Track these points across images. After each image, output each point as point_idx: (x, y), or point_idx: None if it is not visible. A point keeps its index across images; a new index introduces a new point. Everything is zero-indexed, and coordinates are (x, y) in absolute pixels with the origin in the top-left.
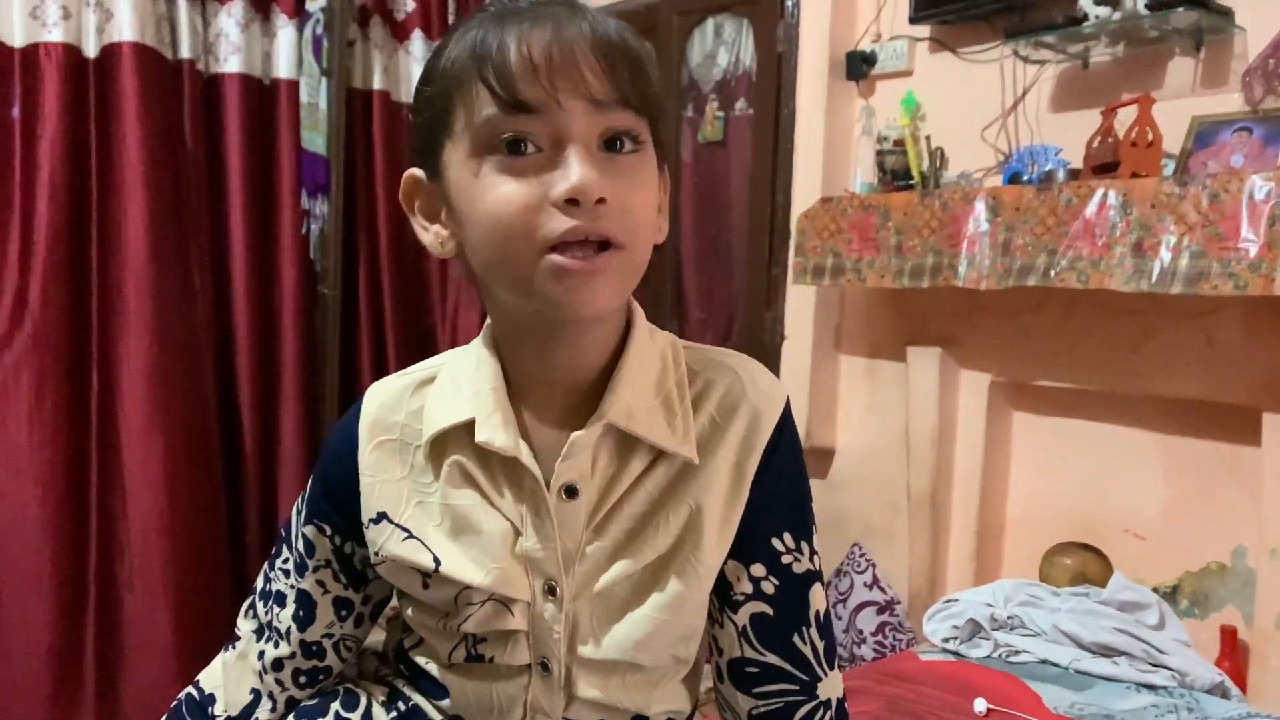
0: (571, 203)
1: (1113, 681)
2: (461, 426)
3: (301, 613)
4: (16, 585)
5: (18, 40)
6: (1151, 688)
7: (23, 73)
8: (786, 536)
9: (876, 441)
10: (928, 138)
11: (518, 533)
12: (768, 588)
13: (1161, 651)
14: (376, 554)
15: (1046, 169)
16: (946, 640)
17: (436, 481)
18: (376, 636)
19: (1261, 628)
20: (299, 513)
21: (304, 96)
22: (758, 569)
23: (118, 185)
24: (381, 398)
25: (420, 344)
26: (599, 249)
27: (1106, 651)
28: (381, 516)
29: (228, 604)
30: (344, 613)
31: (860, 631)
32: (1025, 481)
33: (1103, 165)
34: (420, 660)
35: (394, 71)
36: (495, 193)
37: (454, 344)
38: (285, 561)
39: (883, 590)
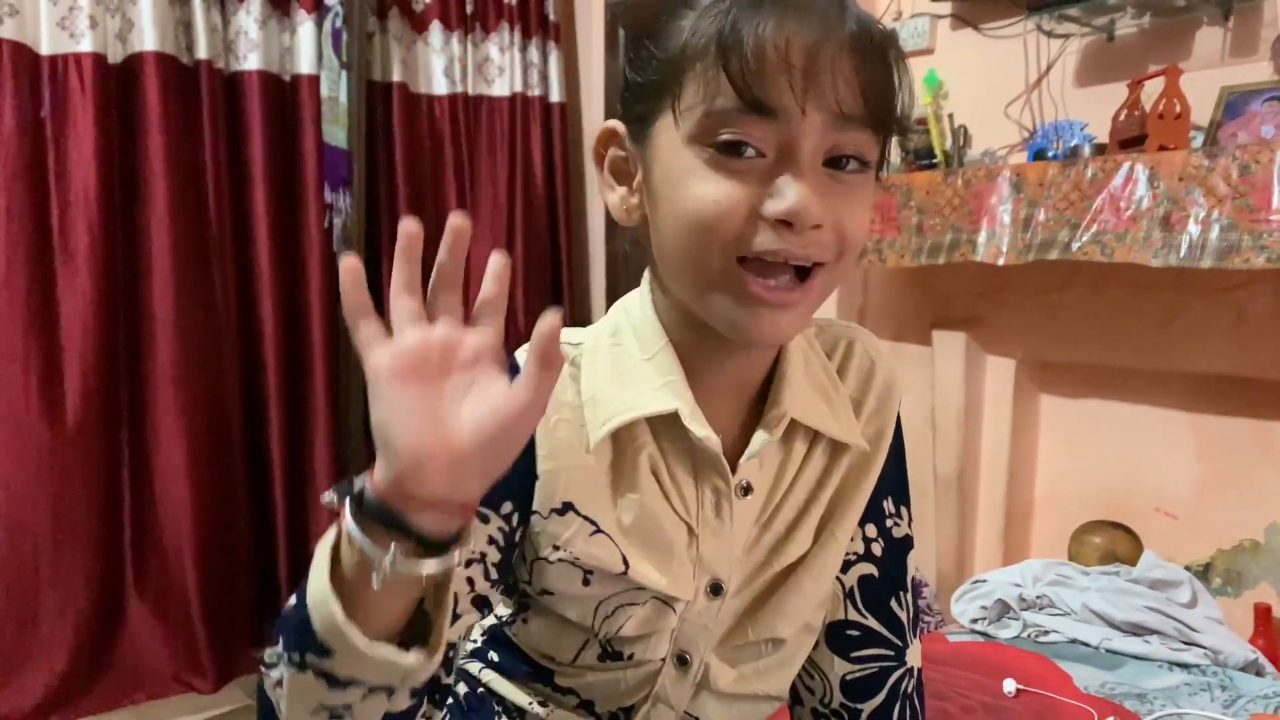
0: (784, 224)
1: (1144, 660)
2: (644, 420)
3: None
4: (57, 568)
5: (45, 48)
6: (1184, 666)
7: (51, 80)
8: (889, 501)
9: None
10: (950, 116)
11: (692, 532)
12: (875, 549)
13: (1194, 629)
14: (556, 547)
15: (1072, 144)
16: (975, 621)
17: (621, 474)
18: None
19: None
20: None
21: (324, 90)
22: (870, 530)
23: (141, 190)
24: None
25: None
26: (797, 276)
27: (1138, 630)
28: (568, 507)
29: (250, 588)
30: (484, 610)
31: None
32: (1053, 461)
33: (1130, 139)
34: (533, 650)
35: (413, 63)
36: (704, 188)
37: None
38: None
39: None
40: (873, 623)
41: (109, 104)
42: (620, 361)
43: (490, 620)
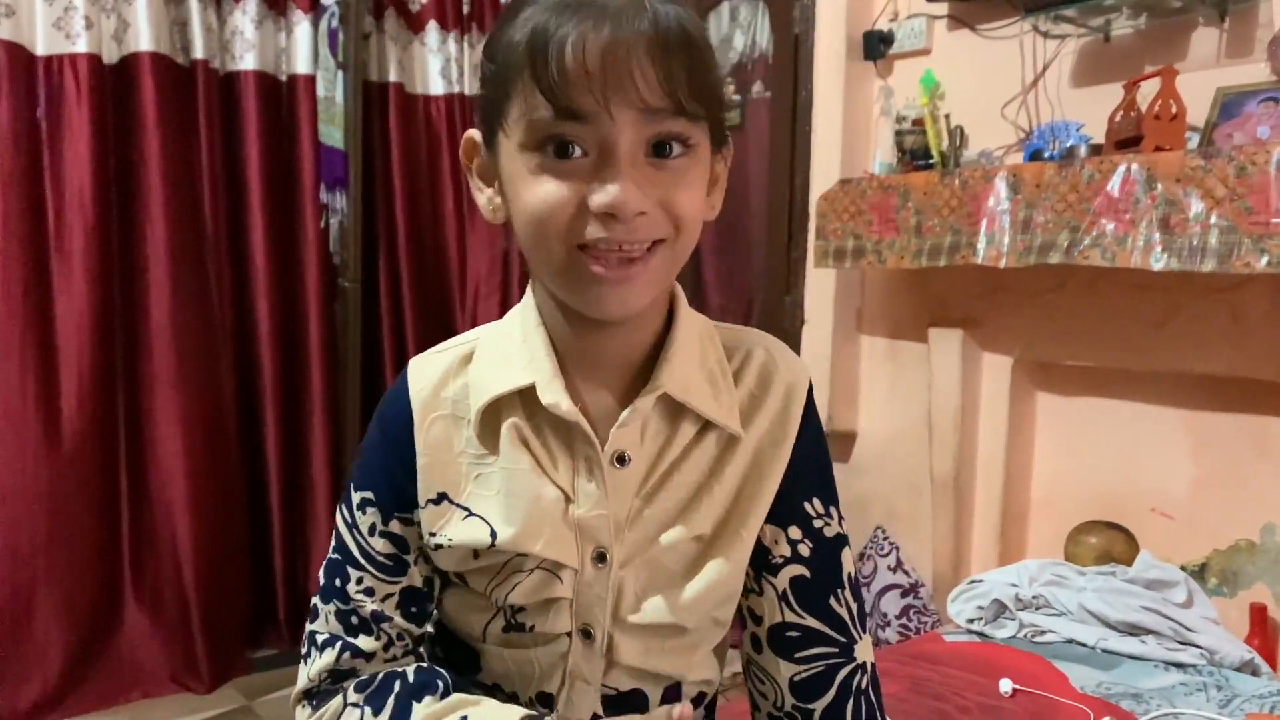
0: (609, 215)
1: (1140, 660)
2: (515, 394)
3: (414, 608)
4: (53, 568)
5: (41, 49)
6: (1180, 666)
7: (46, 81)
8: (816, 501)
9: (898, 424)
10: (947, 116)
11: (568, 500)
12: (804, 550)
13: (1190, 629)
14: (433, 534)
15: (1068, 145)
16: (971, 621)
17: (492, 452)
18: None
19: None
20: (355, 527)
21: (320, 90)
22: (794, 532)
23: (136, 192)
24: (428, 374)
25: (440, 334)
26: (634, 257)
27: (1134, 630)
28: (442, 497)
29: (246, 589)
30: (429, 586)
31: (884, 615)
32: (1050, 462)
33: (1125, 140)
34: (452, 628)
35: (409, 63)
36: (537, 189)
37: None
38: (360, 582)
39: (906, 573)
40: (812, 622)
41: (104, 104)
42: (503, 348)
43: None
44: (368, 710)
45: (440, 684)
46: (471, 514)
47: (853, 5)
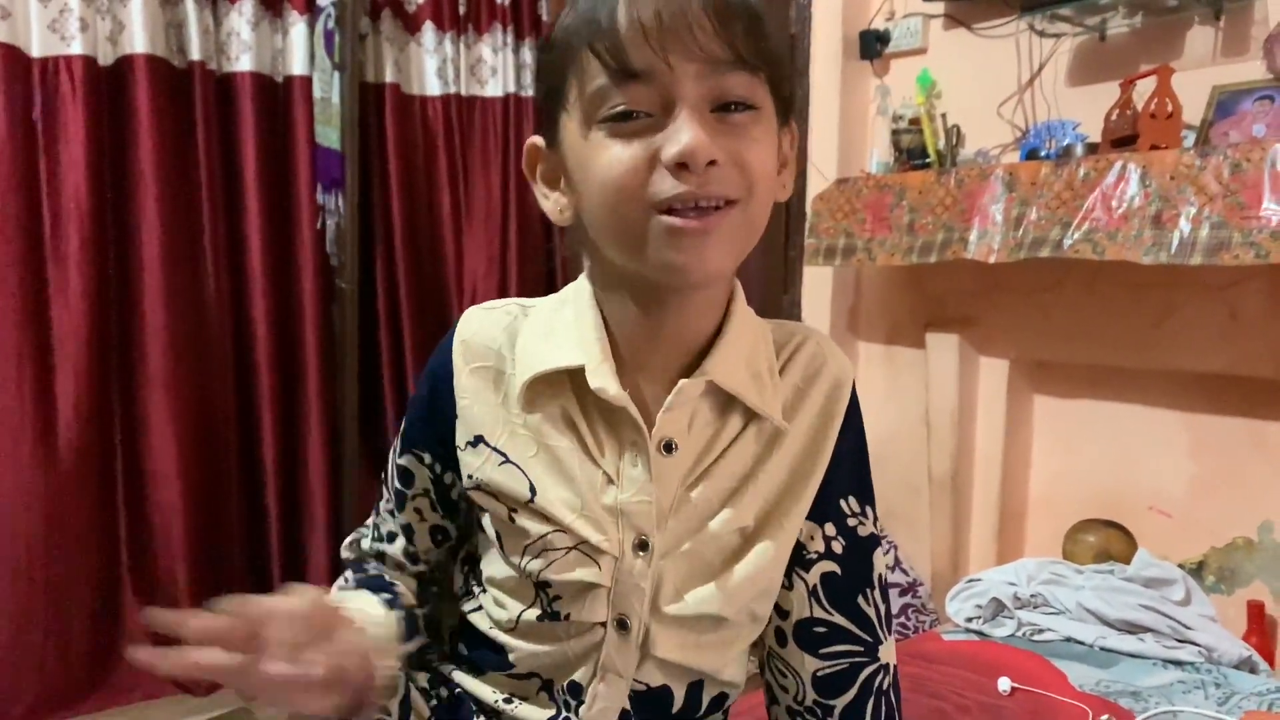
0: (681, 166)
1: (1139, 658)
2: (564, 372)
3: (409, 545)
4: (51, 570)
5: (36, 50)
6: (1178, 664)
7: (42, 82)
8: (852, 500)
9: (896, 424)
10: (943, 115)
11: (611, 483)
12: (836, 547)
13: (1188, 627)
14: (470, 477)
15: (1065, 144)
16: (970, 620)
17: (530, 417)
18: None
19: None
20: (394, 450)
21: (317, 92)
22: (830, 528)
23: (131, 194)
24: (476, 325)
25: (437, 335)
26: (713, 209)
27: (1132, 628)
28: (479, 439)
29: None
30: (439, 538)
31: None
32: (1047, 461)
33: (1122, 138)
34: (482, 625)
35: (405, 64)
36: (605, 155)
37: None
38: (387, 503)
39: (905, 572)
40: (840, 619)
41: (100, 106)
42: (553, 322)
43: (459, 612)
44: (343, 584)
45: (386, 593)
46: (509, 460)
47: (849, 5)
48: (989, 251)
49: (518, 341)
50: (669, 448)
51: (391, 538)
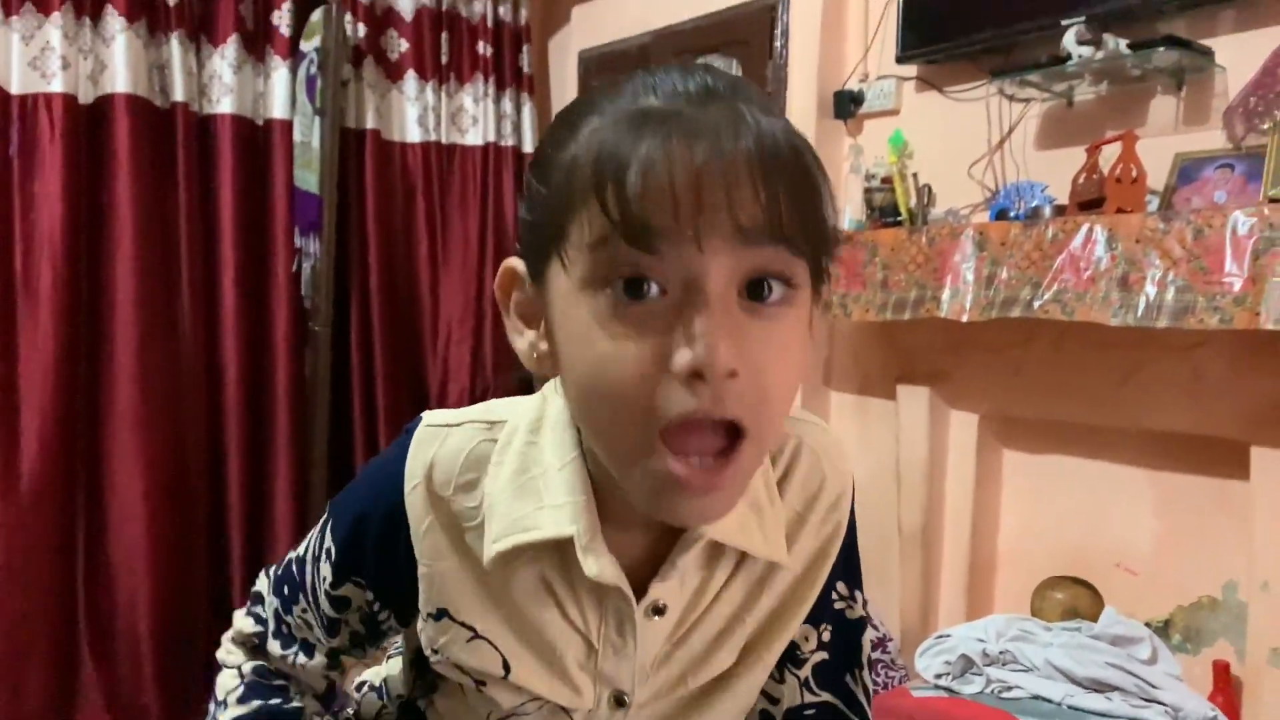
0: (695, 375)
1: (1106, 717)
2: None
3: (333, 663)
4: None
5: (15, 88)
6: None
7: (20, 120)
8: (841, 585)
9: (867, 476)
10: (915, 175)
11: (591, 648)
12: (826, 636)
13: (1154, 686)
14: (435, 652)
15: (1033, 205)
16: (939, 676)
17: (508, 588)
18: (376, 670)
19: (1254, 662)
20: (318, 563)
21: (297, 135)
22: (825, 627)
23: (106, 232)
24: (430, 462)
25: (410, 379)
26: (722, 445)
27: (1099, 687)
28: (443, 613)
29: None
30: (356, 645)
31: None
32: (1016, 516)
33: (1088, 201)
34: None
35: (386, 111)
36: (605, 348)
37: (444, 380)
38: (305, 612)
39: (875, 627)
40: (828, 698)
41: (78, 144)
42: (529, 465)
43: (405, 688)
44: (239, 692)
45: None
46: (478, 636)
47: (824, 65)
48: (961, 310)
49: (484, 481)
50: (658, 610)
51: (308, 649)
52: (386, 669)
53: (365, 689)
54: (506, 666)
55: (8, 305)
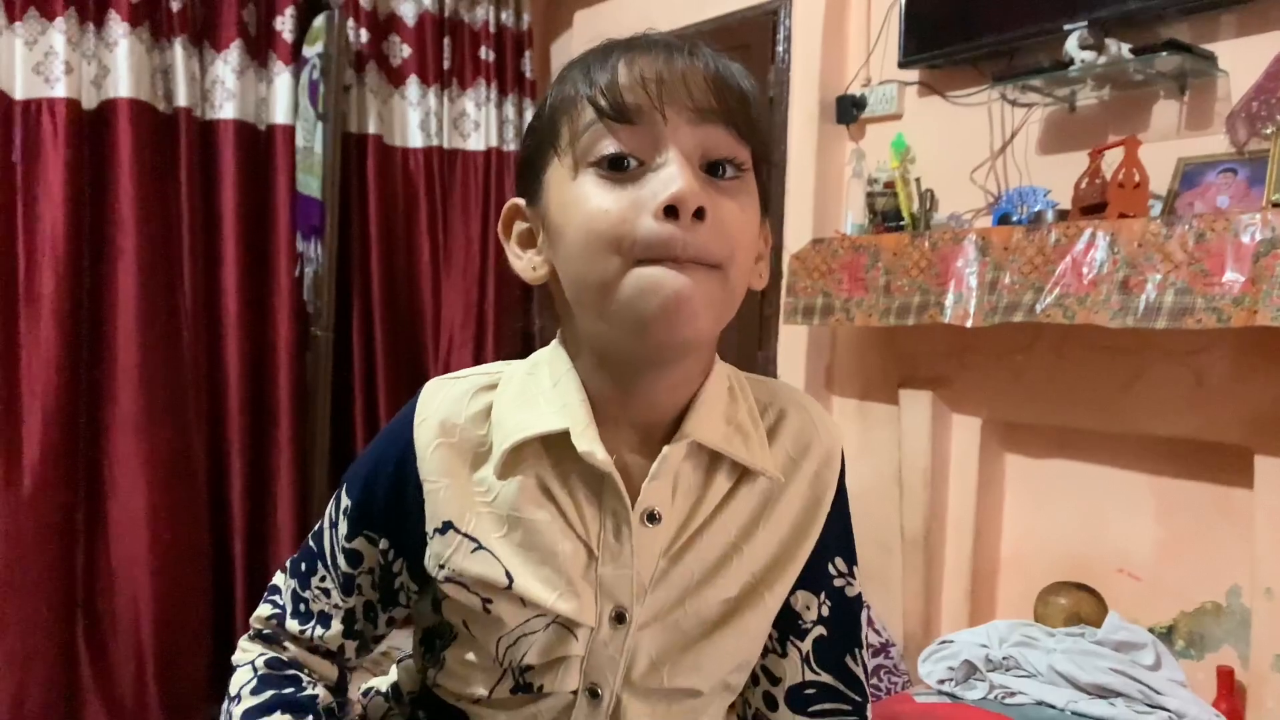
0: (669, 212)
1: None
2: (539, 441)
3: (357, 626)
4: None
5: (19, 93)
6: None
7: (24, 125)
8: (839, 561)
9: (869, 482)
10: (917, 180)
11: (591, 555)
12: (826, 611)
13: (1158, 692)
14: (441, 567)
15: (1035, 210)
16: (942, 682)
17: (498, 490)
18: (381, 678)
19: (1258, 668)
20: (335, 527)
21: (299, 140)
22: (823, 595)
23: (109, 237)
24: (439, 400)
25: (412, 385)
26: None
27: (1103, 692)
28: (448, 526)
29: (206, 642)
30: (369, 614)
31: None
32: (1018, 521)
33: (1091, 206)
34: (447, 698)
35: (388, 116)
36: (592, 203)
37: None
38: (323, 580)
39: (877, 632)
40: (828, 679)
41: (81, 149)
42: (529, 389)
43: (420, 680)
44: (252, 684)
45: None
46: (481, 547)
47: (826, 70)
48: (965, 315)
49: (492, 411)
50: (652, 518)
51: (325, 620)
52: (393, 675)
53: (372, 694)
54: (510, 576)
55: (10, 310)
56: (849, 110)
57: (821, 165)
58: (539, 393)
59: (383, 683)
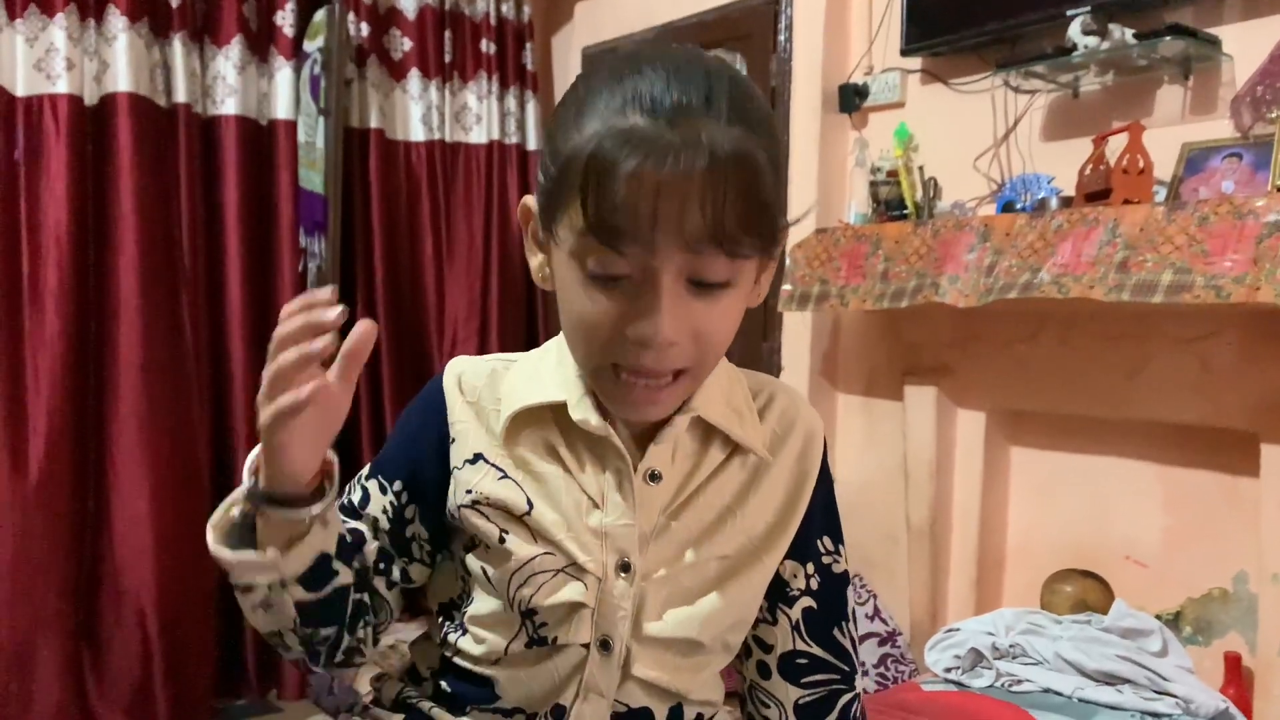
0: (643, 344)
1: (1116, 710)
2: (546, 408)
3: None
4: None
5: (21, 90)
6: (1156, 715)
7: (26, 122)
8: (826, 539)
9: (874, 473)
10: (921, 168)
11: (596, 507)
12: (814, 584)
13: (1165, 679)
14: (469, 493)
15: (1039, 197)
16: (949, 670)
17: (515, 449)
18: (393, 661)
19: (1265, 654)
20: (360, 475)
21: (301, 136)
22: (810, 568)
23: (111, 232)
24: (464, 366)
25: (416, 380)
26: (668, 380)
27: (1110, 679)
28: (479, 457)
29: (210, 635)
30: (381, 565)
31: (862, 663)
32: (1024, 511)
33: (1095, 193)
34: (465, 663)
35: (390, 110)
36: (582, 301)
37: None
38: (350, 492)
39: (884, 621)
40: (818, 651)
41: (83, 145)
42: (538, 367)
43: (439, 654)
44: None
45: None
46: (507, 476)
47: (828, 59)
48: (960, 296)
49: (501, 387)
50: (654, 477)
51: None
52: (407, 659)
53: (384, 679)
54: (530, 504)
55: (14, 307)
56: (851, 99)
57: (824, 155)
58: (545, 370)
59: (394, 670)
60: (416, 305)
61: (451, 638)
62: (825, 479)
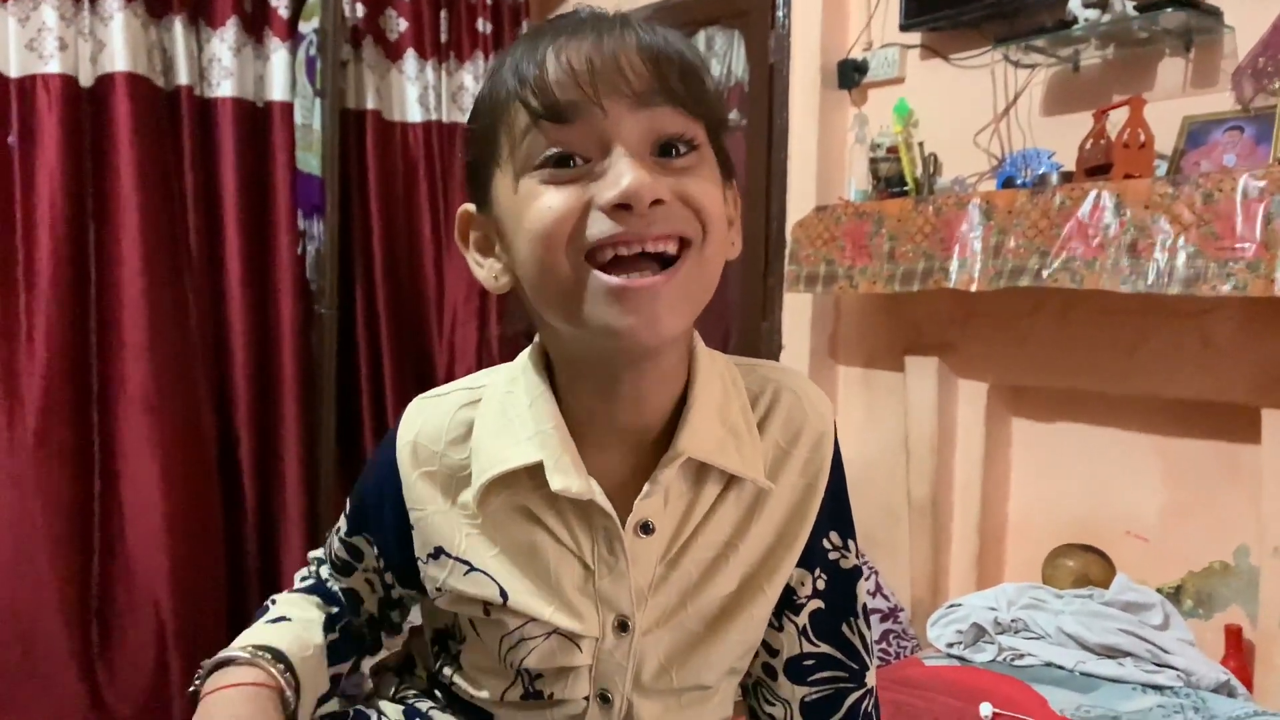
0: (621, 208)
1: (1118, 683)
2: (523, 469)
3: (356, 610)
4: (27, 606)
5: (14, 71)
6: (1157, 688)
7: (19, 102)
8: (834, 535)
9: (875, 450)
10: (920, 144)
11: (587, 569)
12: (821, 585)
13: (1166, 651)
14: (438, 589)
15: (1040, 172)
16: (951, 645)
17: (490, 515)
18: (390, 653)
19: (1266, 627)
20: (339, 528)
21: (298, 118)
22: (818, 570)
23: (111, 214)
24: (419, 425)
25: (416, 361)
26: (660, 266)
27: (1111, 653)
28: (440, 551)
29: (224, 619)
30: (390, 612)
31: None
32: (1025, 486)
33: (1096, 167)
34: (465, 692)
35: (386, 91)
36: (536, 203)
37: (450, 362)
38: (330, 551)
39: (886, 598)
40: (826, 649)
41: (78, 126)
42: (506, 409)
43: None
44: (297, 595)
45: (345, 647)
46: (474, 569)
47: (827, 35)
48: (970, 281)
49: (472, 434)
50: (646, 529)
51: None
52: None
53: (383, 671)
54: (504, 594)
55: (10, 291)
56: (850, 75)
57: (824, 131)
58: (515, 415)
59: (393, 659)
60: (416, 287)
61: (447, 671)
62: (836, 473)
